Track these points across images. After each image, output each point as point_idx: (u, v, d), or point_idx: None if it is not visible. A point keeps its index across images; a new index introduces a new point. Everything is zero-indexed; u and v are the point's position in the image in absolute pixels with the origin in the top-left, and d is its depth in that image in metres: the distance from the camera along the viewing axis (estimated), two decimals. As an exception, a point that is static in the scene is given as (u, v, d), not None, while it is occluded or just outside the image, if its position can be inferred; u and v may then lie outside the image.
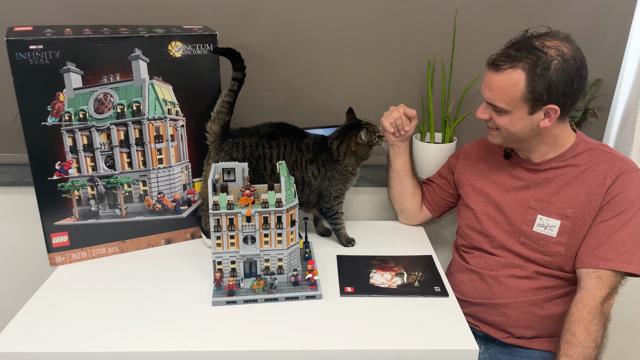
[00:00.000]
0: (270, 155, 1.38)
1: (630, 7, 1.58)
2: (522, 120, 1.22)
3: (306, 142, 1.41)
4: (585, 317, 1.17)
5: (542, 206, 1.30)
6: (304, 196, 1.43)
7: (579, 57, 1.17)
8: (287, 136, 1.40)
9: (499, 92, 1.21)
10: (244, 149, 1.37)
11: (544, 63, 1.15)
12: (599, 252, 1.22)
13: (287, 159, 1.38)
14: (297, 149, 1.39)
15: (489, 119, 1.27)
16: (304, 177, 1.40)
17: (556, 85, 1.16)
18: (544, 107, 1.19)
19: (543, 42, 1.17)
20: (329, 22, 1.61)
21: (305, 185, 1.42)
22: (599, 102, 1.68)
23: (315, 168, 1.40)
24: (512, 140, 1.28)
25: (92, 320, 1.15)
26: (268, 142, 1.38)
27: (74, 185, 1.34)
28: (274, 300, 1.22)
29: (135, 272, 1.35)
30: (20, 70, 1.20)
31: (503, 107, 1.21)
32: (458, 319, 1.18)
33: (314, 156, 1.40)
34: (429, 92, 1.61)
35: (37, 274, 1.51)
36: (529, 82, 1.16)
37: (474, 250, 1.43)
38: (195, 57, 1.35)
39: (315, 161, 1.40)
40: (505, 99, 1.20)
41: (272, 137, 1.39)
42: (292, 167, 1.39)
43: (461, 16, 1.58)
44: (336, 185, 1.42)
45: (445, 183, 1.55)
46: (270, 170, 1.38)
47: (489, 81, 1.22)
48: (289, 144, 1.39)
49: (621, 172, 1.24)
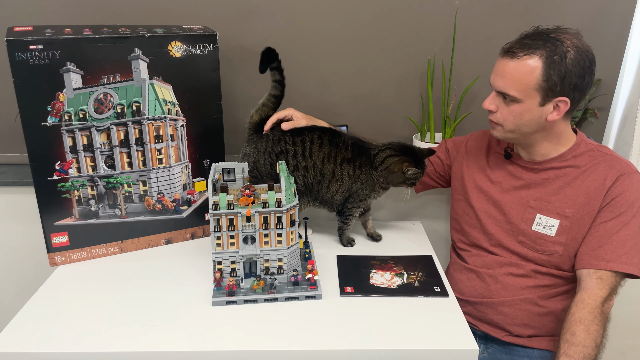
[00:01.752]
0: (294, 151, 1.37)
1: (630, 7, 1.58)
2: (531, 111, 1.21)
3: (343, 139, 1.39)
4: (585, 317, 1.17)
5: (541, 205, 1.30)
6: (328, 193, 1.42)
7: (591, 52, 1.18)
8: (313, 131, 1.39)
9: (512, 79, 1.19)
10: (266, 142, 1.38)
11: (561, 52, 1.15)
12: (599, 253, 1.22)
13: (317, 153, 1.37)
14: (330, 144, 1.37)
15: (496, 110, 1.26)
16: (336, 172, 1.38)
17: (570, 76, 1.16)
18: (555, 98, 1.18)
19: (558, 34, 1.18)
20: (329, 22, 1.61)
21: (334, 181, 1.40)
22: (599, 102, 1.68)
23: (351, 169, 1.39)
24: (517, 134, 1.27)
25: (92, 320, 1.15)
26: (292, 138, 1.38)
27: (74, 185, 1.34)
28: (274, 300, 1.22)
29: (135, 272, 1.35)
30: (20, 70, 1.20)
31: (515, 96, 1.19)
32: (458, 319, 1.18)
33: (352, 156, 1.39)
34: (429, 92, 1.61)
35: (37, 274, 1.51)
36: (546, 70, 1.15)
37: (472, 248, 1.43)
38: (195, 57, 1.35)
39: (353, 161, 1.39)
40: (519, 86, 1.19)
41: (297, 132, 1.38)
42: (323, 160, 1.37)
43: (461, 16, 1.58)
44: (365, 190, 1.42)
45: (438, 163, 1.54)
46: (293, 167, 1.38)
47: (502, 69, 1.20)
48: (318, 139, 1.37)
49: (621, 173, 1.24)
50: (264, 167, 1.39)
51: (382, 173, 1.39)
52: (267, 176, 1.40)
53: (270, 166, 1.38)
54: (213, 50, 1.36)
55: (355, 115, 1.50)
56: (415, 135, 1.69)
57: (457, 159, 1.50)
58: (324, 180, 1.39)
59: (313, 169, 1.38)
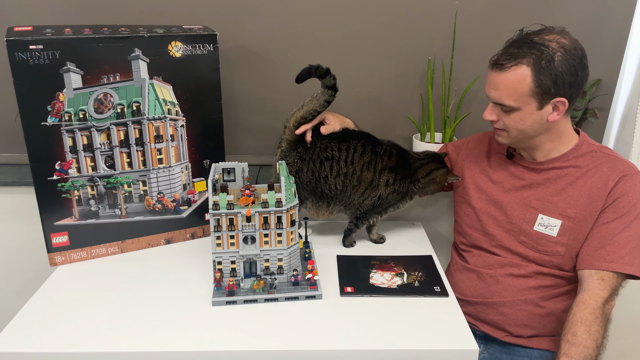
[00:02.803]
0: (338, 158, 1.37)
1: (630, 7, 1.58)
2: (531, 115, 1.21)
3: (385, 148, 1.40)
4: (587, 318, 1.17)
5: (543, 205, 1.30)
6: (360, 199, 1.42)
7: (579, 47, 1.18)
8: (358, 139, 1.39)
9: (505, 90, 1.20)
10: (312, 150, 1.38)
11: (547, 56, 1.15)
12: (601, 254, 1.22)
13: (358, 161, 1.38)
14: (372, 152, 1.39)
15: (497, 119, 1.26)
16: (374, 179, 1.39)
17: (562, 77, 1.16)
18: (552, 100, 1.19)
19: (542, 37, 1.18)
20: (329, 22, 1.61)
21: (371, 188, 1.40)
22: (599, 102, 1.68)
23: (392, 177, 1.40)
24: (521, 138, 1.27)
25: (92, 321, 1.15)
26: (337, 145, 1.38)
27: (74, 185, 1.34)
28: (274, 300, 1.22)
29: (135, 272, 1.35)
30: (20, 70, 1.20)
31: (512, 105, 1.20)
32: (458, 319, 1.18)
33: (395, 165, 1.40)
34: (429, 92, 1.61)
35: (37, 274, 1.51)
36: (536, 76, 1.16)
37: (473, 249, 1.43)
38: (195, 57, 1.35)
39: (394, 170, 1.40)
40: (513, 95, 1.19)
41: (343, 139, 1.39)
42: (363, 167, 1.38)
43: (461, 16, 1.58)
44: (395, 200, 1.43)
45: None
46: (336, 173, 1.38)
47: (494, 81, 1.22)
48: (360, 147, 1.38)
49: (623, 174, 1.24)
50: (306, 176, 1.39)
51: (423, 184, 1.43)
52: (308, 184, 1.40)
53: (311, 173, 1.39)
54: (213, 50, 1.36)
55: (355, 115, 1.50)
56: (415, 135, 1.69)
57: (457, 161, 1.50)
58: (360, 187, 1.40)
59: (352, 175, 1.39)
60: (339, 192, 1.41)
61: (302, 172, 1.40)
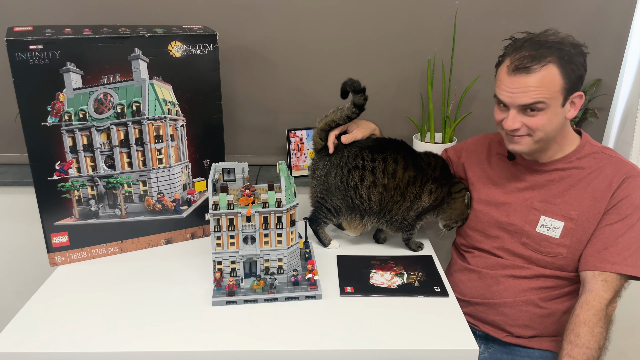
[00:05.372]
0: (372, 168, 1.35)
1: (630, 7, 1.58)
2: (557, 115, 1.21)
3: (427, 161, 1.40)
4: (590, 319, 1.17)
5: (546, 207, 1.30)
6: (404, 213, 1.40)
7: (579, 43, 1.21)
8: (397, 151, 1.38)
9: (538, 90, 1.17)
10: (341, 157, 1.37)
11: (567, 53, 1.16)
12: (604, 255, 1.22)
13: (401, 175, 1.36)
14: (415, 167, 1.37)
15: (521, 126, 1.22)
16: (419, 193, 1.39)
17: (580, 71, 1.18)
18: (571, 96, 1.20)
19: (555, 36, 1.19)
20: (329, 22, 1.61)
21: (416, 201, 1.39)
22: (599, 102, 1.68)
23: (435, 187, 1.39)
24: (546, 140, 1.25)
25: (92, 320, 1.15)
26: (370, 155, 1.36)
27: (74, 185, 1.34)
28: (274, 300, 1.22)
29: (135, 272, 1.35)
30: (20, 70, 1.20)
31: (545, 101, 1.17)
32: (458, 319, 1.18)
33: (439, 176, 1.40)
34: (429, 92, 1.61)
35: (37, 274, 1.51)
36: (564, 73, 1.17)
37: (474, 250, 1.43)
38: (195, 57, 1.35)
39: (437, 181, 1.39)
40: (547, 93, 1.17)
41: (377, 149, 1.37)
42: (408, 183, 1.37)
43: (461, 16, 1.58)
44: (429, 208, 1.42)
45: None
46: (369, 183, 1.36)
47: (524, 85, 1.17)
48: (402, 160, 1.37)
49: (627, 176, 1.24)
50: (334, 181, 1.39)
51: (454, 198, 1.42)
52: (337, 190, 1.39)
53: (340, 180, 1.38)
54: (213, 50, 1.36)
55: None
56: (415, 135, 1.69)
57: (458, 164, 1.51)
58: (405, 202, 1.39)
59: (394, 189, 1.37)
60: (374, 204, 1.38)
61: (330, 175, 1.39)
